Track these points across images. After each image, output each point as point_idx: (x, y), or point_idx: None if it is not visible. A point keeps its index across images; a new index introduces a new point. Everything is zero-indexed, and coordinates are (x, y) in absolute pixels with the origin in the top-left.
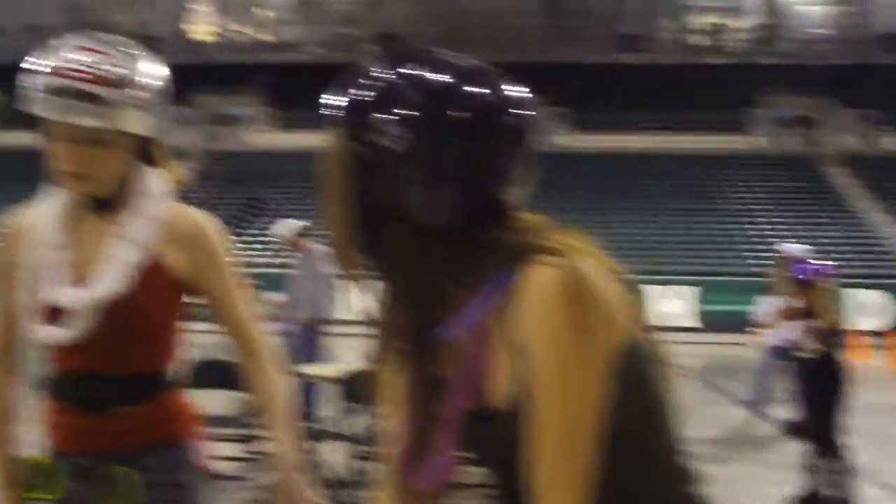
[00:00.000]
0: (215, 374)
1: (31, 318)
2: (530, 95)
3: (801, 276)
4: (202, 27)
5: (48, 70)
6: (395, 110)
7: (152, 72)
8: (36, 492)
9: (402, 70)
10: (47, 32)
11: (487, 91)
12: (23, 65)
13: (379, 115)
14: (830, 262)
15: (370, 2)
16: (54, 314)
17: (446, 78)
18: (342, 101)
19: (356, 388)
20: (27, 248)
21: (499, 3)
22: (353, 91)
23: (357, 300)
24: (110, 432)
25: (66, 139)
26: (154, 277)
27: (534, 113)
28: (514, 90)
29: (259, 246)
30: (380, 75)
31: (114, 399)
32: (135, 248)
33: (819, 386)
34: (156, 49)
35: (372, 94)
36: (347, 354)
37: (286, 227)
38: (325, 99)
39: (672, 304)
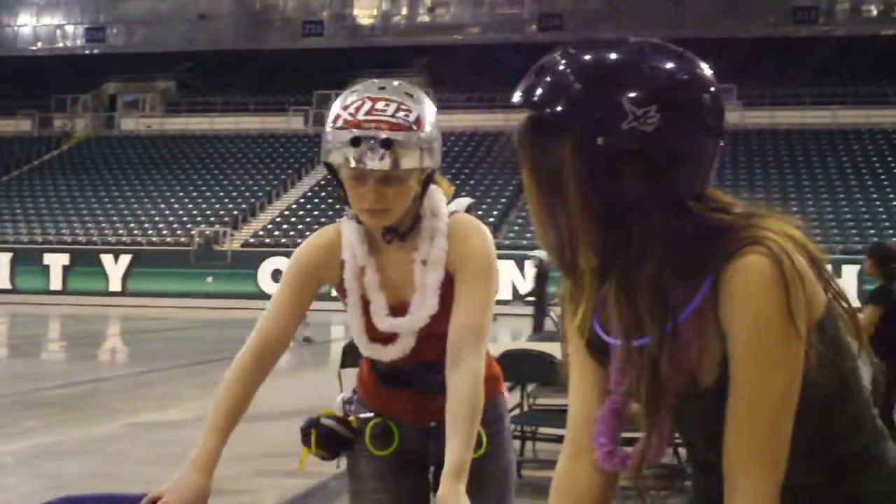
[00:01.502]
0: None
1: (358, 338)
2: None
3: None
4: (363, 10)
5: (349, 123)
6: (638, 93)
7: (431, 109)
8: (372, 447)
9: (618, 55)
10: (216, 21)
11: (696, 70)
12: (328, 123)
13: (623, 99)
14: None
15: None
16: (379, 335)
17: (665, 59)
18: (563, 105)
19: (511, 368)
20: (345, 271)
21: None
22: (574, 89)
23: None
24: (438, 409)
25: (367, 181)
26: (447, 283)
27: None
28: (707, 68)
29: None
30: (602, 62)
31: (438, 381)
32: (438, 269)
33: None
34: (317, 33)
35: (607, 80)
36: (503, 334)
37: (458, 205)
38: (534, 96)
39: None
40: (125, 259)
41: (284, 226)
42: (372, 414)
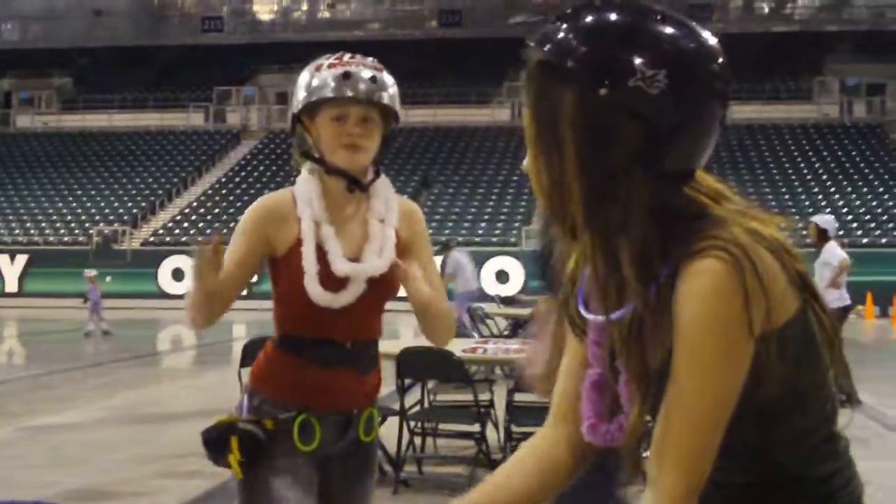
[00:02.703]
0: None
1: (311, 284)
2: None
3: None
4: (263, 6)
5: (337, 64)
6: (650, 55)
7: None
8: (301, 443)
9: (638, 18)
10: (113, 17)
11: (708, 43)
12: (311, 69)
13: (633, 59)
14: None
15: None
16: (331, 282)
17: (681, 28)
18: (574, 51)
19: (411, 365)
20: (301, 224)
21: None
22: (588, 39)
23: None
24: (363, 392)
25: (348, 120)
26: (397, 251)
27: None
28: (715, 41)
29: None
30: (621, 21)
31: (367, 363)
32: (392, 228)
33: None
34: (217, 28)
35: (622, 37)
36: (405, 331)
37: None
38: (550, 41)
39: None
40: (21, 259)
41: (185, 224)
42: (294, 412)
